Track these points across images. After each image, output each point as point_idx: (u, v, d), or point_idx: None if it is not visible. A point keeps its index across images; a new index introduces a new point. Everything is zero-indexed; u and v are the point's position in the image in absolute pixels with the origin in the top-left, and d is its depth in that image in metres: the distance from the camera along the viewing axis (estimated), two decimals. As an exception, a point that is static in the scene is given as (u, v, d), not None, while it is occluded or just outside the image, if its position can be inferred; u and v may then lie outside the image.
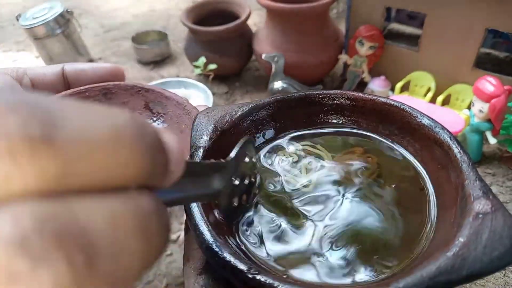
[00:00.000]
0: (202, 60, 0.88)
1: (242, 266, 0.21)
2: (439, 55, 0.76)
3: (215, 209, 0.27)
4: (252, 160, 0.30)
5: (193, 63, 0.92)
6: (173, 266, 0.58)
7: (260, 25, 0.92)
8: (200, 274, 0.25)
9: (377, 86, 0.81)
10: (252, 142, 0.30)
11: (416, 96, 0.80)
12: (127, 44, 1.19)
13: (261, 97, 0.93)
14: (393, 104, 0.34)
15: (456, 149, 0.28)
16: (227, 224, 0.27)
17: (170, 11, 1.39)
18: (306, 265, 0.25)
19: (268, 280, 0.20)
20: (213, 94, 0.91)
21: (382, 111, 0.34)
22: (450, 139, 0.29)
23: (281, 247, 0.26)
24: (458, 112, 0.73)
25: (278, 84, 0.80)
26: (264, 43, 0.86)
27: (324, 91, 0.36)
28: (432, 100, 0.77)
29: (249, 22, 0.95)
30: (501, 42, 0.90)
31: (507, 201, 0.65)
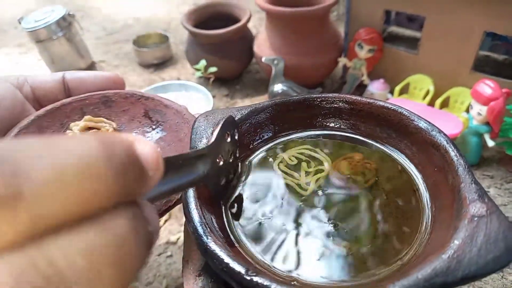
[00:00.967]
0: (203, 63, 0.89)
1: (240, 268, 0.21)
2: (438, 58, 0.76)
3: (212, 215, 0.27)
4: (234, 137, 0.30)
5: (194, 66, 0.92)
6: (173, 268, 0.58)
7: (261, 28, 0.93)
8: (199, 275, 0.26)
9: (376, 89, 0.82)
10: (230, 121, 0.30)
11: (415, 99, 0.80)
12: (128, 47, 1.19)
13: (261, 99, 0.93)
14: (391, 107, 0.34)
15: (452, 152, 0.28)
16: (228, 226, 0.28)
17: (171, 14, 1.40)
18: (303, 265, 0.25)
19: (266, 282, 0.21)
20: (214, 96, 0.92)
21: (379, 115, 0.35)
22: (447, 142, 0.30)
23: (281, 249, 0.27)
24: (456, 114, 0.74)
25: (278, 87, 0.80)
26: (264, 46, 0.87)
27: (323, 95, 0.37)
28: (431, 103, 0.77)
29: (250, 25, 0.96)
30: (500, 45, 0.90)
31: (506, 203, 0.65)
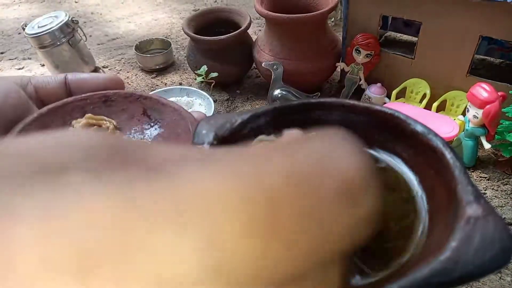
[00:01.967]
0: (204, 68, 0.90)
1: None
2: (434, 62, 0.78)
3: None
4: None
5: (195, 72, 0.94)
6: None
7: (260, 33, 0.94)
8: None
9: (373, 93, 0.83)
10: None
11: (412, 103, 0.81)
12: (131, 52, 1.21)
13: (261, 104, 0.95)
14: (387, 111, 0.35)
15: (448, 155, 0.29)
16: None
17: (173, 20, 1.42)
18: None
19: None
20: (215, 101, 0.93)
21: (376, 119, 0.36)
22: (443, 145, 0.31)
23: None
24: (453, 118, 0.75)
25: (277, 92, 0.82)
26: (263, 51, 0.88)
27: (321, 99, 0.38)
28: (428, 106, 0.78)
29: (250, 31, 0.97)
30: (496, 49, 0.92)
31: (503, 205, 0.67)
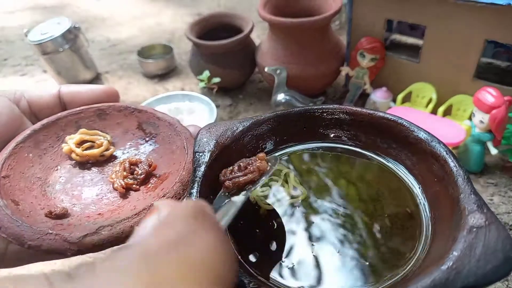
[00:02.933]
0: (206, 73, 0.90)
1: (243, 280, 0.22)
2: (439, 66, 0.77)
3: None
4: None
5: (198, 77, 0.93)
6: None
7: (263, 38, 0.94)
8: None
9: (379, 97, 0.82)
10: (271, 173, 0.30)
11: (417, 107, 0.80)
12: (133, 58, 1.21)
13: (264, 109, 0.94)
14: (391, 118, 0.34)
15: (452, 163, 0.28)
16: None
17: (175, 25, 1.42)
18: (305, 277, 0.26)
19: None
20: (217, 106, 0.93)
21: (380, 125, 0.35)
22: (446, 153, 0.30)
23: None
24: (459, 122, 0.74)
25: (280, 96, 0.81)
26: (266, 56, 0.88)
27: (323, 106, 0.37)
28: (434, 111, 0.77)
29: (253, 35, 0.97)
30: (502, 52, 0.90)
31: (510, 211, 0.65)
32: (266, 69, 0.82)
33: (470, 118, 0.71)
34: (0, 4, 1.72)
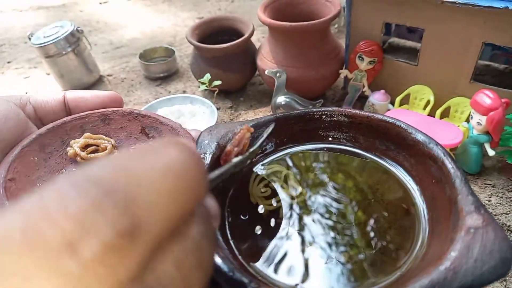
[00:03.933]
0: (207, 76, 0.91)
1: (243, 280, 0.22)
2: (437, 69, 0.78)
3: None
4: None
5: (199, 80, 0.94)
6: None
7: (263, 41, 0.95)
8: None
9: (377, 100, 0.83)
10: (271, 129, 0.35)
11: (415, 109, 0.81)
12: (135, 61, 1.22)
13: (265, 111, 0.95)
14: (389, 120, 0.35)
15: (449, 165, 0.29)
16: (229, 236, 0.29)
17: (177, 27, 1.43)
18: (305, 277, 0.27)
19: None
20: (218, 109, 0.94)
21: (378, 128, 0.36)
22: (444, 155, 0.31)
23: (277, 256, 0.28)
24: (457, 124, 0.75)
25: (280, 99, 0.82)
26: (266, 59, 0.89)
27: (322, 109, 0.38)
28: (432, 113, 0.78)
29: (253, 38, 0.98)
30: (500, 55, 0.91)
31: (507, 212, 0.66)
32: (266, 72, 0.83)
33: (467, 120, 0.72)
34: (4, 5, 1.73)
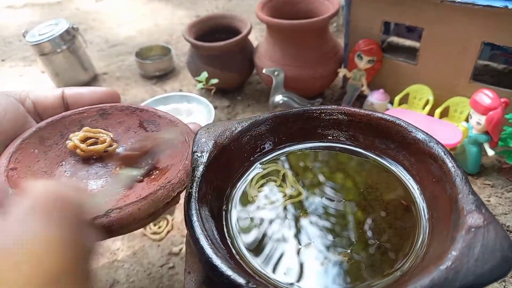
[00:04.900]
0: (204, 75, 0.90)
1: (241, 280, 0.22)
2: (437, 68, 0.77)
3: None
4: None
5: (196, 78, 0.93)
6: (175, 279, 0.58)
7: (261, 40, 0.94)
8: (201, 286, 0.26)
9: (376, 99, 0.82)
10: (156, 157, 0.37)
11: (414, 109, 0.81)
12: (131, 59, 1.21)
13: (262, 110, 0.94)
14: (389, 119, 0.35)
15: (450, 163, 0.29)
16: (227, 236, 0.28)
17: (174, 26, 1.42)
18: (303, 276, 0.26)
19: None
20: (215, 108, 0.93)
21: (378, 126, 0.35)
22: (444, 153, 0.30)
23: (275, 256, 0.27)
24: (456, 124, 0.74)
25: (278, 98, 0.81)
26: (264, 57, 0.88)
27: (322, 107, 0.37)
28: (431, 113, 0.78)
29: (251, 37, 0.97)
30: (499, 54, 0.91)
31: (507, 212, 0.66)
32: (264, 71, 0.82)
33: (467, 120, 0.72)
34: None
